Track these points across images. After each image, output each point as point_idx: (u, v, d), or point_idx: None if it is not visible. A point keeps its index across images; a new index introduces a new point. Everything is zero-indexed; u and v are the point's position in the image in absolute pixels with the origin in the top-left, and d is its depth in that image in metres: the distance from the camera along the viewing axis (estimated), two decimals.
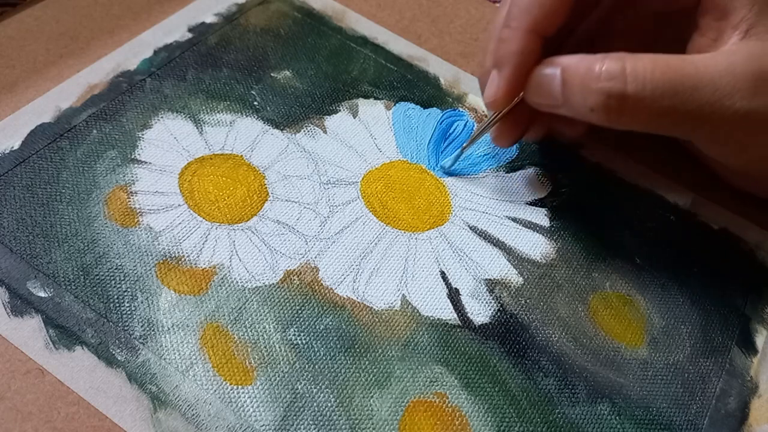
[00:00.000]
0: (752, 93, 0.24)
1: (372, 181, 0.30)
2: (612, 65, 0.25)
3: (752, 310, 0.28)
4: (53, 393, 0.22)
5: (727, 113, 0.25)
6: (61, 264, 0.25)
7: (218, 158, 0.29)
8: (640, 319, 0.27)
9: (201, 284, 0.25)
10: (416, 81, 0.34)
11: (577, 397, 0.25)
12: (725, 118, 0.25)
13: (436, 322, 0.26)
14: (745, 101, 0.24)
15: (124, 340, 0.24)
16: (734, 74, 0.24)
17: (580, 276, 0.28)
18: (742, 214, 0.31)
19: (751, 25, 0.25)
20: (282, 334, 0.25)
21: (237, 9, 0.36)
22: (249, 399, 0.23)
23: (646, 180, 0.32)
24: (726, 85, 0.24)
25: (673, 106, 0.25)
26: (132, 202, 0.27)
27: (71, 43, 0.33)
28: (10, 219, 0.26)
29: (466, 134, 0.33)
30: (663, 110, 0.25)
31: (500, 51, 0.27)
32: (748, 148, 0.27)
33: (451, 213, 0.29)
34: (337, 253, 0.27)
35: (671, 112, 0.25)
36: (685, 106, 0.25)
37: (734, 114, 0.25)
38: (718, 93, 0.24)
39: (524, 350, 0.26)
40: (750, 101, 0.24)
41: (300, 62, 0.34)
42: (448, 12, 0.39)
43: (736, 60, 0.25)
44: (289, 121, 0.31)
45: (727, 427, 0.25)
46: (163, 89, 0.31)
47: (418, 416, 0.23)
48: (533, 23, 0.26)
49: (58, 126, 0.29)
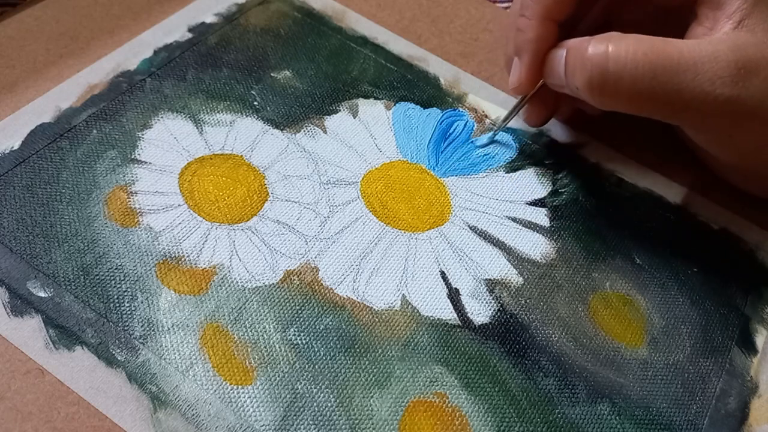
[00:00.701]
0: (733, 81, 0.25)
1: (372, 181, 0.30)
2: (597, 45, 0.26)
3: (752, 310, 0.28)
4: (53, 393, 0.22)
5: (707, 99, 0.25)
6: (61, 264, 0.25)
7: (218, 158, 0.29)
8: (640, 319, 0.27)
9: (201, 284, 0.25)
10: (416, 81, 0.34)
11: (577, 397, 0.25)
12: (706, 103, 0.25)
13: (436, 322, 0.26)
14: (726, 88, 0.25)
15: (124, 340, 0.24)
16: (717, 61, 0.25)
17: (580, 276, 0.28)
18: (742, 214, 0.31)
19: (744, 16, 0.26)
20: (282, 334, 0.25)
21: (237, 9, 0.36)
22: (249, 399, 0.23)
23: (646, 180, 0.32)
24: (707, 71, 0.25)
25: (653, 88, 0.25)
26: (132, 202, 0.27)
27: (71, 43, 0.33)
28: (10, 219, 0.26)
29: (466, 134, 0.33)
30: (644, 92, 0.25)
31: (518, 39, 0.29)
32: (732, 138, 0.27)
33: (451, 213, 0.29)
34: (337, 253, 0.27)
35: (652, 94, 0.25)
36: (665, 88, 0.25)
37: (714, 100, 0.25)
38: (699, 78, 0.25)
39: (524, 350, 0.26)
40: (731, 89, 0.25)
41: (300, 62, 0.34)
42: (448, 12, 0.39)
43: (720, 48, 0.25)
44: (289, 121, 0.31)
45: (727, 427, 0.25)
46: (163, 89, 0.31)
47: (418, 416, 0.23)
48: (546, 11, 0.28)
49: (58, 126, 0.29)
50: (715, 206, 0.32)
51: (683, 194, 0.32)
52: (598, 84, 0.26)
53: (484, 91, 0.35)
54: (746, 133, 0.26)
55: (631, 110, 0.27)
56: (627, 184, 0.32)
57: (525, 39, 0.28)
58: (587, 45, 0.26)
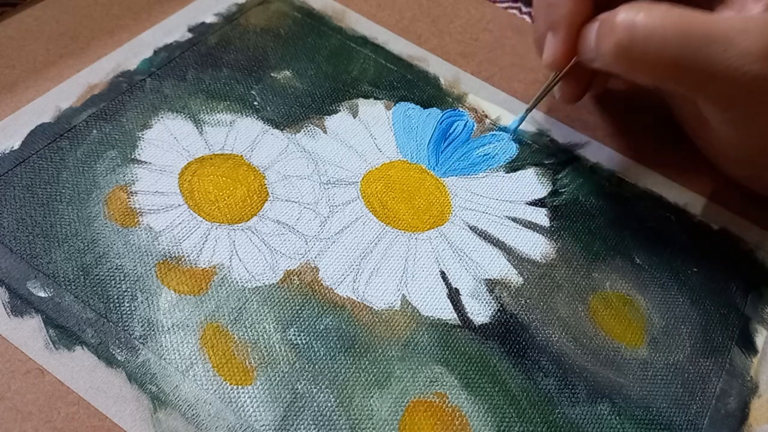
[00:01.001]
0: (764, 58, 0.24)
1: (372, 181, 0.30)
2: (627, 12, 0.25)
3: (752, 310, 0.28)
4: (53, 393, 0.22)
5: (736, 74, 0.24)
6: (61, 264, 0.25)
7: (218, 158, 0.29)
8: (640, 319, 0.27)
9: (201, 284, 0.25)
10: (416, 81, 0.34)
11: (577, 397, 0.25)
12: (734, 78, 0.25)
13: (436, 322, 0.26)
14: (756, 65, 0.24)
15: (124, 340, 0.24)
16: (747, 37, 0.24)
17: (580, 276, 0.28)
18: (742, 214, 0.31)
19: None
20: (282, 334, 0.25)
21: (237, 9, 0.36)
22: (249, 399, 0.23)
23: (646, 180, 0.32)
24: (737, 46, 0.24)
25: (681, 57, 0.25)
26: (132, 202, 0.27)
27: (71, 43, 0.33)
28: (10, 219, 0.26)
29: (466, 134, 0.33)
30: (671, 60, 0.25)
31: (553, 15, 0.29)
32: (754, 118, 0.27)
33: (451, 213, 0.29)
34: (337, 253, 0.27)
35: (679, 63, 0.25)
36: (694, 58, 0.25)
37: (744, 76, 0.24)
38: (728, 52, 0.24)
39: (524, 350, 0.26)
40: (761, 66, 0.24)
41: (300, 62, 0.34)
42: (448, 12, 0.39)
43: (751, 26, 0.25)
44: (289, 121, 0.31)
45: (727, 427, 0.25)
46: (163, 89, 0.31)
47: (418, 416, 0.23)
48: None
49: (58, 126, 0.29)
50: (715, 206, 0.32)
51: (683, 194, 0.32)
52: (625, 49, 0.25)
53: (484, 91, 0.35)
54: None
55: (656, 79, 0.26)
56: (627, 184, 0.32)
57: (560, 13, 0.28)
58: (615, 14, 0.26)
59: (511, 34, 0.38)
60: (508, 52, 0.37)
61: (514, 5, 0.41)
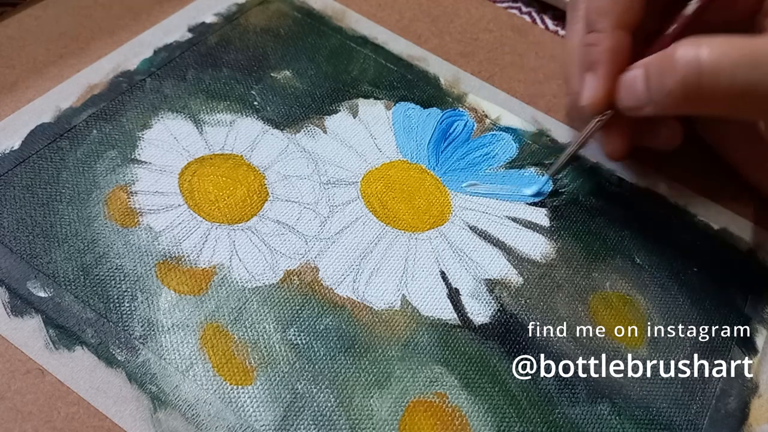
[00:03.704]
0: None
1: (372, 181, 0.30)
2: (685, 49, 0.25)
3: (752, 310, 0.28)
4: (53, 393, 0.22)
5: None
6: (61, 264, 0.25)
7: (218, 158, 0.29)
8: (640, 319, 0.27)
9: (201, 284, 0.25)
10: (416, 81, 0.34)
11: (577, 397, 0.25)
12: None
13: (436, 322, 0.26)
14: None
15: (124, 340, 0.24)
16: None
17: (580, 276, 0.28)
18: (742, 214, 0.31)
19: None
20: (282, 334, 0.25)
21: (237, 9, 0.36)
22: (249, 399, 0.23)
23: (646, 180, 0.32)
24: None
25: (753, 84, 0.24)
26: (132, 202, 0.27)
27: (71, 43, 0.33)
28: (10, 219, 0.26)
29: (466, 134, 0.33)
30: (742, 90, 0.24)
31: (591, 54, 0.28)
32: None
33: (451, 213, 0.29)
34: (337, 253, 0.27)
35: (751, 92, 0.24)
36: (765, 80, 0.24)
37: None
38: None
39: (524, 350, 0.26)
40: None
41: (300, 62, 0.34)
42: (448, 12, 0.39)
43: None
44: (289, 121, 0.31)
45: (727, 427, 0.25)
46: (163, 89, 0.31)
47: (418, 416, 0.23)
48: (617, 20, 0.27)
49: (58, 126, 0.29)
50: (715, 206, 0.32)
51: (683, 194, 0.32)
52: (693, 86, 0.24)
53: (484, 90, 0.35)
54: None
55: (728, 111, 0.26)
56: (627, 184, 0.32)
57: (600, 51, 0.27)
58: (672, 52, 0.25)
59: (511, 34, 0.38)
60: (508, 52, 0.37)
61: (514, 5, 0.41)
